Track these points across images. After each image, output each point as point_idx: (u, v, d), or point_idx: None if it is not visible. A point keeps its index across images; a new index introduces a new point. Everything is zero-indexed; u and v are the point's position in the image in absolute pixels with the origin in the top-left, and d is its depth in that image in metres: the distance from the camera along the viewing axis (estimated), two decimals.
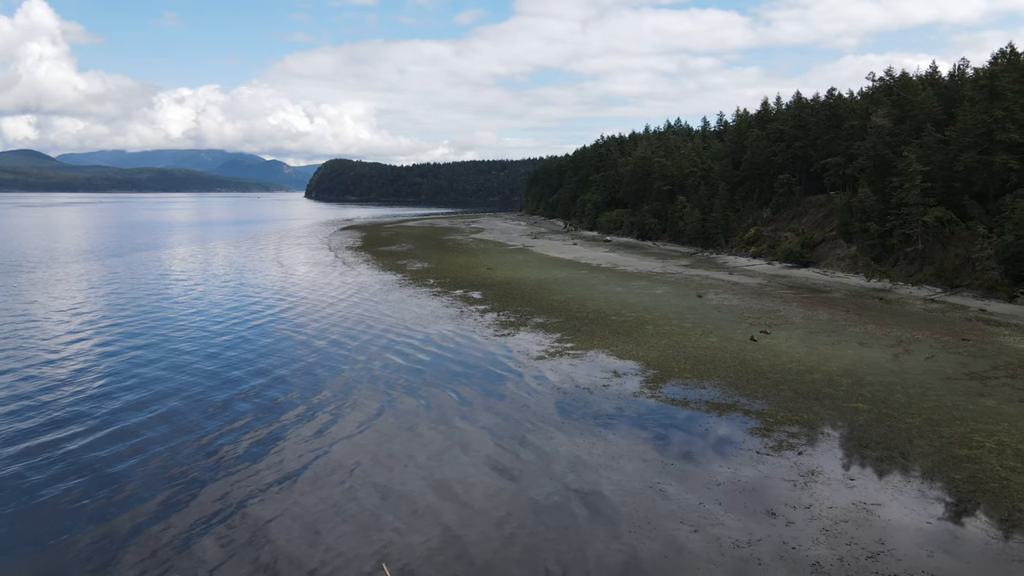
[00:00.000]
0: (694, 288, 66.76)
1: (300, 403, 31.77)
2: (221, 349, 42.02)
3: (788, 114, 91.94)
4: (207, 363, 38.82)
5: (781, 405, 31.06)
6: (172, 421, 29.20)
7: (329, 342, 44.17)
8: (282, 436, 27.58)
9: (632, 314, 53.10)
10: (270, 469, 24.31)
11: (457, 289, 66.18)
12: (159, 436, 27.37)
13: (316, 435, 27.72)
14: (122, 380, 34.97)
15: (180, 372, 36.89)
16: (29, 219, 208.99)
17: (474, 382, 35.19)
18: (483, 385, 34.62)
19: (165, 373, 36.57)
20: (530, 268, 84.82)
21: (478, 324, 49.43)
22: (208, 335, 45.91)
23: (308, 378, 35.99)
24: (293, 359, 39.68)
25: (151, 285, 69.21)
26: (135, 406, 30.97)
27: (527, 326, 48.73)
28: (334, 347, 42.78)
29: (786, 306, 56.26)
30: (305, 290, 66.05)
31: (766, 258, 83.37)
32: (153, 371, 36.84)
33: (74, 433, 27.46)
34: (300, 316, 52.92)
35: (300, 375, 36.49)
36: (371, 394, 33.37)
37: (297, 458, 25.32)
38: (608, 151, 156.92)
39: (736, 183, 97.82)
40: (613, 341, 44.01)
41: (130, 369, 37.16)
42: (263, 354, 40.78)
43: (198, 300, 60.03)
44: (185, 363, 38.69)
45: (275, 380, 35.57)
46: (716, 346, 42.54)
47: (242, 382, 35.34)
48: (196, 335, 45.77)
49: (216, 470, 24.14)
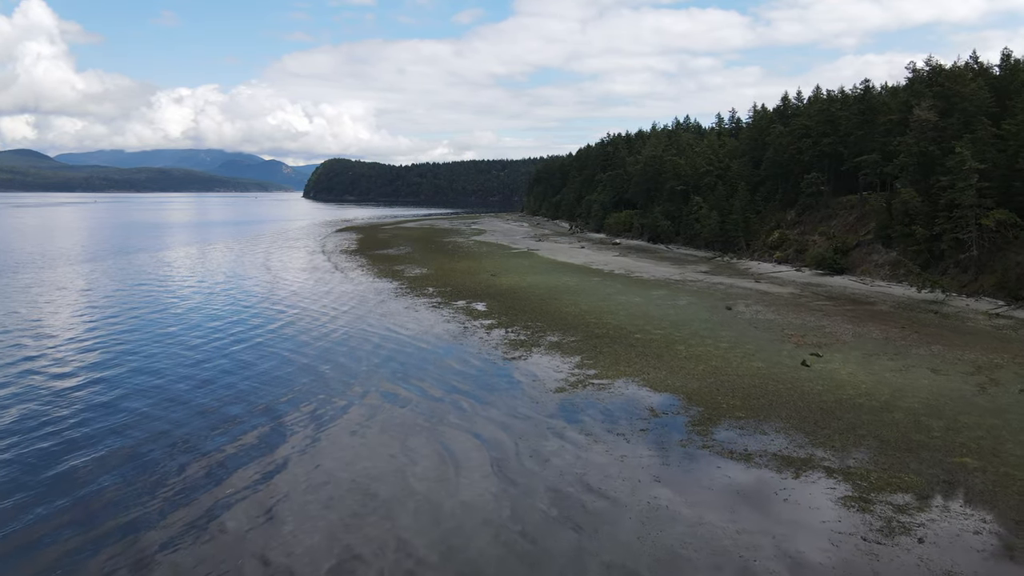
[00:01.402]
0: (720, 298, 60.47)
1: (261, 453, 25.45)
2: (193, 371, 35.78)
3: (815, 109, 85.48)
4: (177, 387, 32.73)
5: (869, 460, 24.78)
6: (129, 464, 22.92)
7: (306, 370, 37.84)
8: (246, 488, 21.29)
9: (658, 331, 46.83)
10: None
11: (459, 299, 59.89)
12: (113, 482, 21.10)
13: (273, 495, 21.44)
14: (72, 421, 28.63)
15: (144, 398, 30.67)
16: (13, 220, 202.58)
17: (480, 427, 28.88)
18: (492, 435, 28.31)
19: (127, 399, 30.30)
20: (537, 274, 78.55)
21: (484, 344, 43.11)
22: (180, 356, 39.61)
23: (273, 423, 29.66)
24: (265, 387, 33.37)
25: (124, 295, 62.87)
26: (84, 455, 24.65)
27: (540, 346, 42.43)
28: (310, 377, 36.45)
29: (829, 321, 49.95)
30: (291, 301, 59.74)
31: (793, 264, 77.00)
32: (110, 398, 30.54)
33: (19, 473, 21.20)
34: (280, 335, 46.58)
35: (265, 412, 30.18)
36: (339, 456, 27.10)
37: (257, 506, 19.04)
38: (615, 149, 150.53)
39: (757, 183, 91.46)
40: (642, 366, 37.73)
41: (87, 400, 30.90)
42: (237, 382, 34.48)
43: (173, 313, 53.73)
44: (151, 387, 32.51)
45: (245, 413, 29.30)
46: (764, 373, 36.27)
47: (213, 412, 29.35)
48: (167, 355, 39.46)
49: (177, 540, 17.85)
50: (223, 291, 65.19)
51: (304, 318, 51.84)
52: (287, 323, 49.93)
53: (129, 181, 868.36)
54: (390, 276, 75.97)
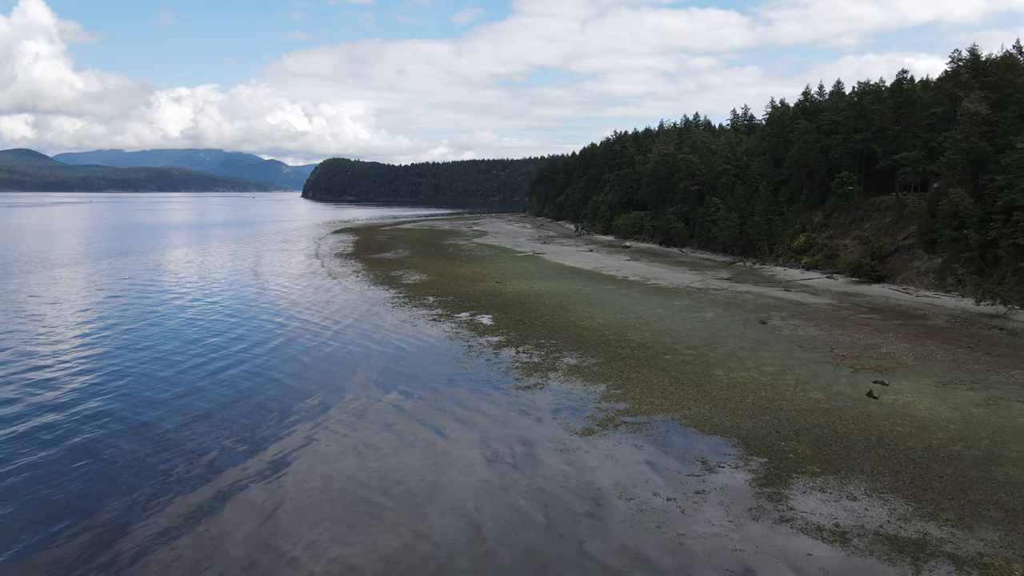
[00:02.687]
0: (751, 310, 54.71)
1: (198, 519, 19.70)
2: (157, 396, 29.98)
3: (844, 103, 79.58)
4: (139, 417, 26.95)
5: (1001, 541, 19.06)
6: None
7: (276, 406, 32.05)
8: None
9: (690, 351, 41.08)
10: None
11: (462, 311, 54.13)
12: None
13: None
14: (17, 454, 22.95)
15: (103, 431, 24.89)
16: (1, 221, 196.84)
17: (496, 487, 23.11)
18: (508, 499, 22.54)
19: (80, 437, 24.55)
20: (545, 280, 72.79)
21: (492, 369, 37.33)
22: (147, 377, 33.86)
23: (216, 478, 23.90)
24: (216, 430, 27.59)
25: (96, 306, 57.10)
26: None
27: (558, 371, 36.68)
28: (280, 416, 30.66)
29: (882, 339, 44.16)
30: (274, 312, 53.97)
31: (823, 270, 71.18)
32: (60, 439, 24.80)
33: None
34: (251, 359, 40.76)
35: (210, 467, 24.40)
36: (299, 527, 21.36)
37: None
38: (622, 148, 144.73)
39: (779, 183, 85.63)
40: (680, 398, 32.00)
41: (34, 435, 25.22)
42: (194, 418, 28.71)
43: (145, 329, 47.95)
44: (111, 415, 26.72)
45: (206, 450, 23.55)
46: (826, 407, 30.54)
47: (175, 446, 23.58)
48: (133, 373, 33.70)
49: None
50: (201, 301, 59.38)
51: (285, 335, 46.04)
52: (261, 343, 44.10)
53: (127, 181, 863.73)
54: (387, 283, 70.20)
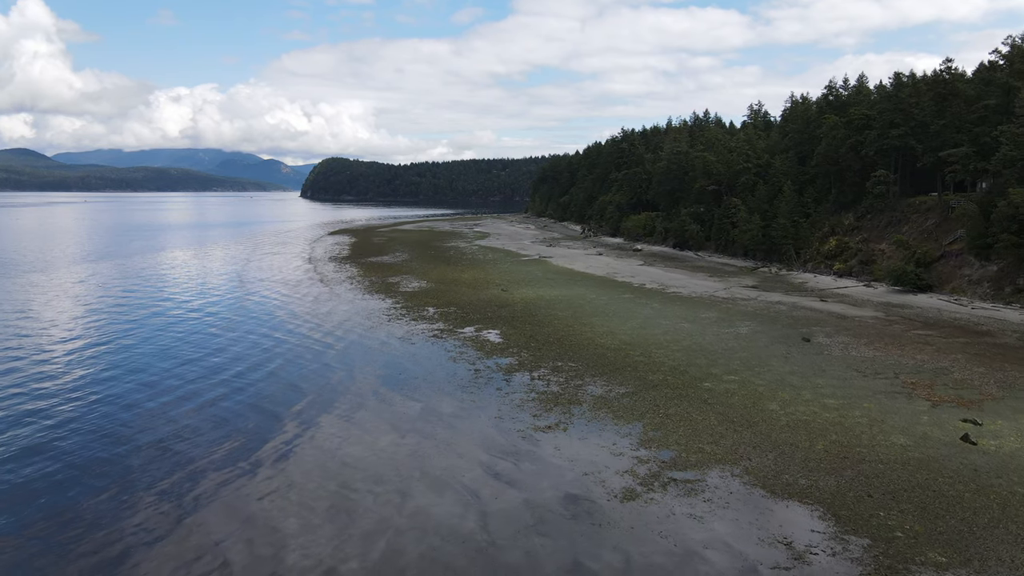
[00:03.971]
0: (788, 324, 48.99)
1: None
2: (104, 427, 24.28)
3: (880, 95, 73.65)
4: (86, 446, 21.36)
5: None
6: None
7: (226, 454, 26.36)
8: None
9: (731, 376, 35.39)
10: None
11: (466, 325, 48.43)
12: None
13: None
14: None
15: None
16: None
17: None
18: None
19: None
20: (554, 288, 67.11)
21: (504, 402, 31.59)
22: (102, 401, 28.14)
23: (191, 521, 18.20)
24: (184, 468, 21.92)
25: (67, 319, 51.37)
26: None
27: (582, 404, 30.96)
28: (240, 471, 24.97)
29: (950, 361, 38.42)
30: (255, 325, 48.26)
31: (858, 277, 65.37)
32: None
33: None
34: (208, 391, 35.07)
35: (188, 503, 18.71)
36: None
37: None
38: (631, 146, 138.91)
39: (804, 182, 79.87)
40: (734, 443, 26.33)
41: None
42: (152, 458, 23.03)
43: (110, 344, 42.25)
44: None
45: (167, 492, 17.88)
46: (917, 458, 24.90)
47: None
48: (84, 396, 27.98)
49: None
50: (176, 312, 53.64)
51: (254, 359, 40.25)
52: (224, 368, 38.36)
53: (126, 180, 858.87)
54: (383, 291, 64.47)
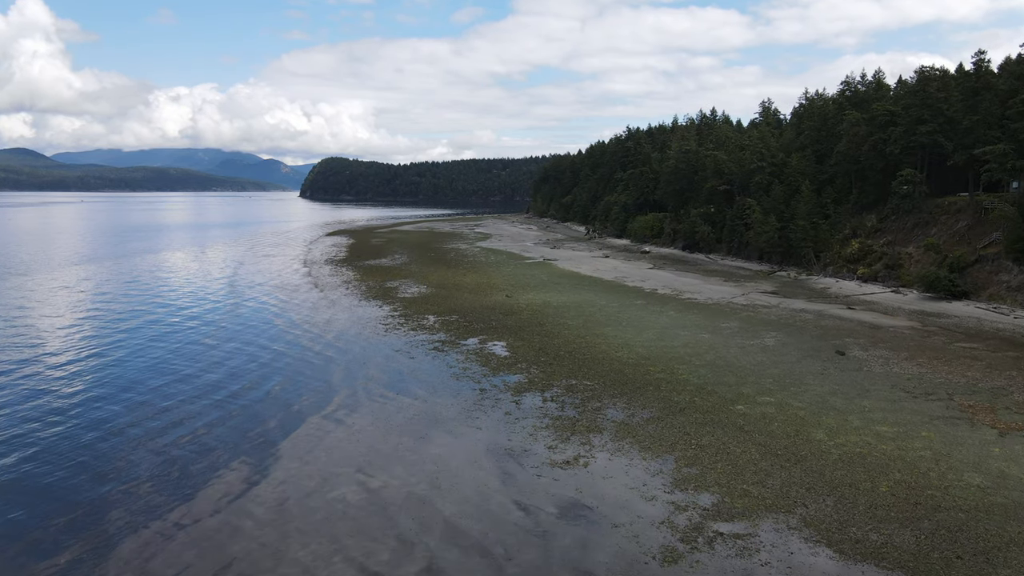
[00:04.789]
0: (818, 334, 45.34)
1: None
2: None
3: (904, 90, 69.92)
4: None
5: None
6: None
7: (183, 493, 22.75)
8: None
9: (766, 397, 31.79)
10: None
11: (469, 336, 44.80)
12: None
13: None
14: None
15: None
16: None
17: None
18: None
19: None
20: (561, 292, 63.51)
21: (515, 429, 27.95)
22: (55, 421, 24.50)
23: None
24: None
25: (43, 327, 47.71)
26: None
27: (602, 433, 27.34)
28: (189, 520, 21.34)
29: (1006, 379, 34.82)
30: (244, 337, 44.63)
31: (885, 282, 61.68)
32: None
33: None
34: (215, 402, 31.45)
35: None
36: None
37: None
38: (636, 145, 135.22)
39: (823, 181, 76.22)
40: (783, 483, 22.74)
41: None
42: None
43: (99, 355, 38.61)
44: None
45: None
46: (1000, 503, 21.55)
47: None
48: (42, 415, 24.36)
49: None
50: (161, 324, 50.00)
51: (244, 373, 36.68)
52: (214, 388, 34.73)
53: (125, 180, 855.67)
54: (381, 297, 60.83)
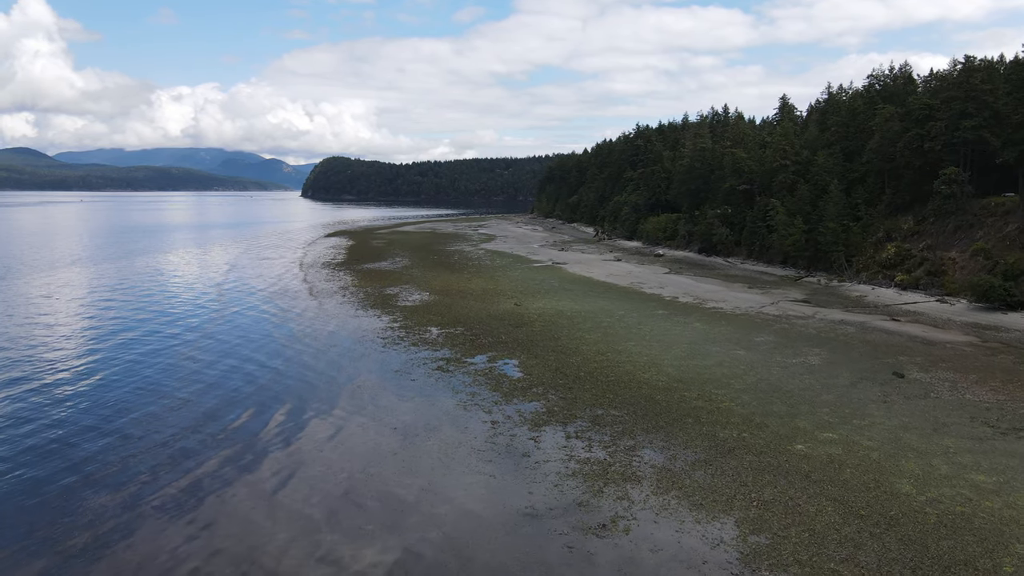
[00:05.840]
0: (865, 351, 40.55)
1: None
2: None
3: (946, 84, 64.83)
4: None
5: None
6: None
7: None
8: None
9: (828, 434, 27.05)
10: None
11: (476, 352, 40.08)
12: None
13: None
14: None
15: None
16: None
17: None
18: None
19: None
20: (574, 300, 58.80)
21: (536, 480, 23.21)
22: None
23: None
24: None
25: (20, 336, 43.07)
26: None
27: (642, 483, 22.59)
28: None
29: None
30: (223, 351, 39.92)
31: (927, 291, 56.78)
32: None
33: None
34: (200, 439, 26.75)
35: None
36: None
37: None
38: (646, 143, 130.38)
39: (853, 181, 71.35)
40: (881, 560, 18.17)
41: None
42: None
43: (83, 376, 33.92)
44: None
45: None
46: None
47: None
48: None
49: None
50: (130, 334, 45.28)
51: (206, 403, 31.95)
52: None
53: (127, 180, 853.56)
54: (379, 305, 56.12)
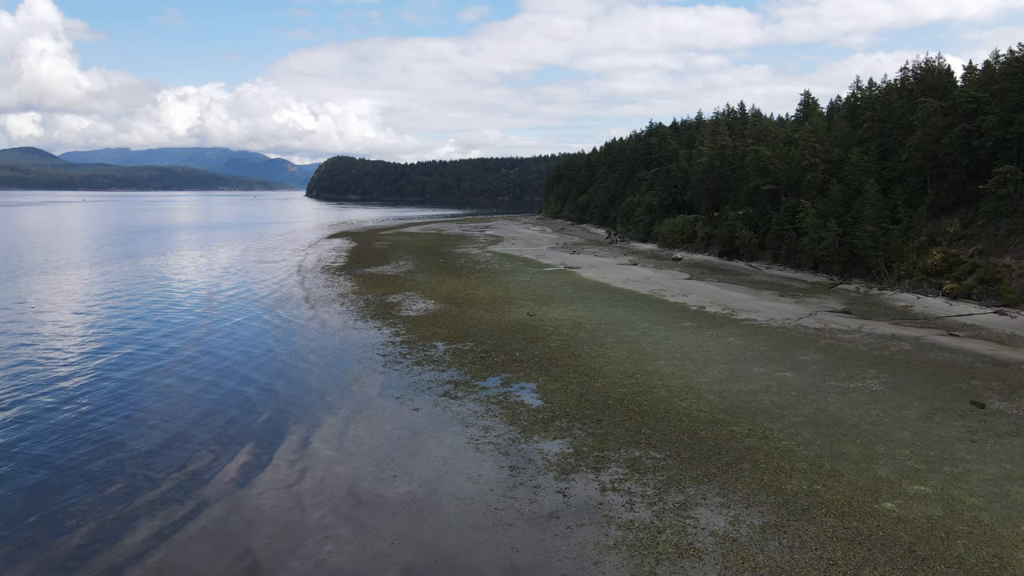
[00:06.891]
0: (930, 373, 35.67)
1: None
2: None
3: (999, 74, 59.69)
4: None
5: None
6: None
7: None
8: None
9: (920, 487, 22.34)
10: None
11: (488, 373, 35.37)
12: None
13: None
14: None
15: None
16: None
17: None
18: None
19: None
20: (592, 308, 54.08)
21: (571, 555, 18.47)
22: None
23: None
24: None
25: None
26: None
27: (703, 560, 17.90)
28: None
29: None
30: (207, 364, 35.28)
31: (982, 301, 51.79)
32: None
33: None
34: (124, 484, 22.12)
35: None
36: None
37: None
38: (660, 141, 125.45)
39: (890, 180, 66.40)
40: None
41: None
42: None
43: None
44: None
45: None
46: None
47: None
48: None
49: None
50: (99, 346, 40.69)
51: (173, 438, 27.30)
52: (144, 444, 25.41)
53: (132, 179, 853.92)
54: (380, 315, 51.46)
